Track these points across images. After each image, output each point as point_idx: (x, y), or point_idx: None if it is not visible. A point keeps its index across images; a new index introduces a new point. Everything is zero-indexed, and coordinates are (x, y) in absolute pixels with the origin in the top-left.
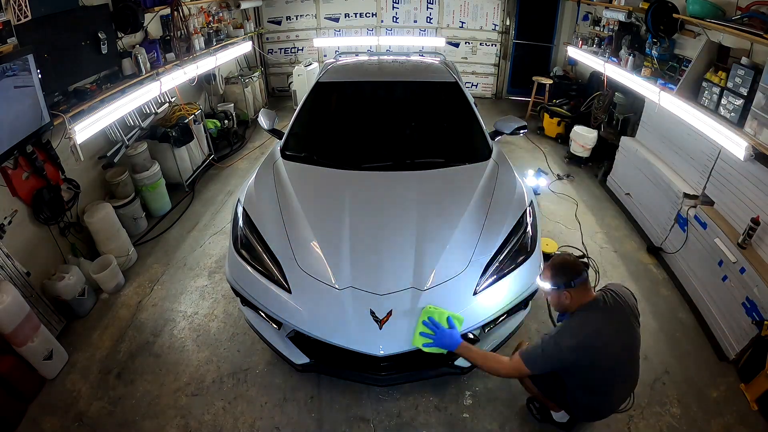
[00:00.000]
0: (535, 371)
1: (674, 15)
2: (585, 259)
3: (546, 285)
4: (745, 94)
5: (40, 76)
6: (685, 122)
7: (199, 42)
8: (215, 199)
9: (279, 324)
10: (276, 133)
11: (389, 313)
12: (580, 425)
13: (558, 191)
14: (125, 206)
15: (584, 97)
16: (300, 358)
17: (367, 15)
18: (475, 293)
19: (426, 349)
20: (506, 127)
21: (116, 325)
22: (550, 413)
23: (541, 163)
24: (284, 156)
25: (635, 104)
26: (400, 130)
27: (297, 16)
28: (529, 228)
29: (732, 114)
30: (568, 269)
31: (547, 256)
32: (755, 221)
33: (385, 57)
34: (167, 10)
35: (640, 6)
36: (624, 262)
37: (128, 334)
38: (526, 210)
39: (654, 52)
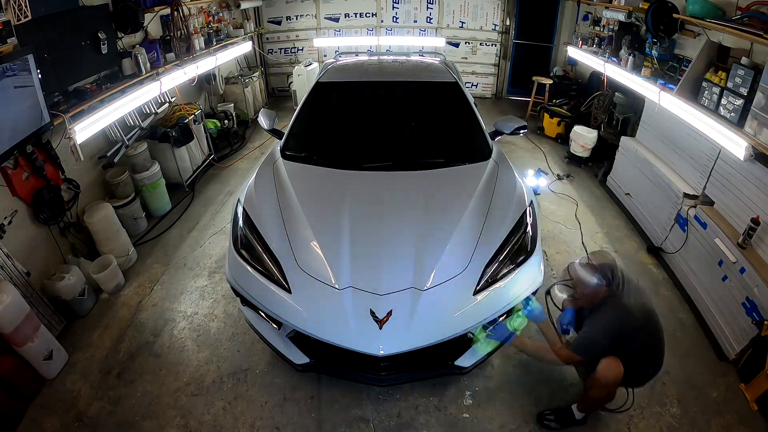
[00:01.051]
0: (589, 356)
1: (674, 15)
2: None
3: (590, 279)
4: (745, 94)
5: (40, 76)
6: (685, 122)
7: (199, 42)
8: (215, 199)
9: (279, 324)
10: (276, 133)
11: (389, 313)
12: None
13: (558, 191)
14: (125, 206)
15: (584, 97)
16: (300, 358)
17: (367, 15)
18: (475, 293)
19: (486, 344)
20: (506, 127)
21: (116, 325)
22: (568, 416)
23: (541, 163)
24: (284, 156)
25: (635, 104)
26: (400, 130)
27: (297, 16)
28: (529, 228)
29: (732, 114)
30: (615, 269)
31: None
32: (755, 221)
33: (385, 57)
34: (167, 10)
35: (640, 6)
36: (624, 262)
37: (128, 334)
38: (526, 210)
39: (654, 52)
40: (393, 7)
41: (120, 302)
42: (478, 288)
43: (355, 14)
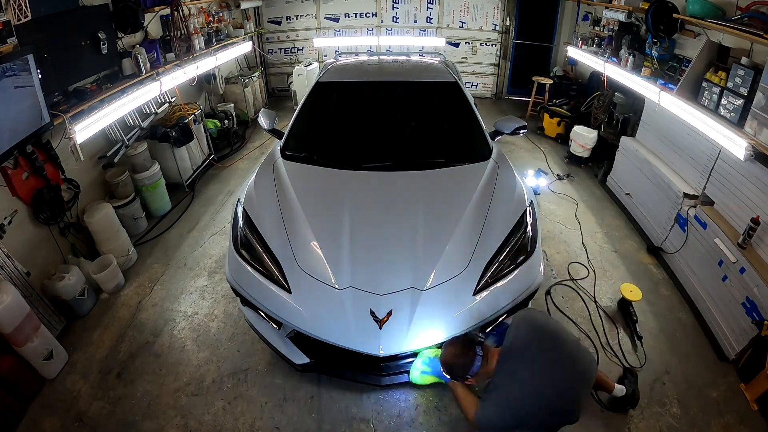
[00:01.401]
0: None
1: (674, 15)
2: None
3: (461, 378)
4: (745, 94)
5: (40, 76)
6: (685, 122)
7: (199, 42)
8: (215, 199)
9: (279, 324)
10: (276, 133)
11: (389, 313)
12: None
13: (558, 191)
14: (125, 206)
15: (584, 97)
16: (300, 358)
17: (367, 15)
18: (474, 293)
19: (421, 379)
20: (506, 127)
21: (116, 325)
22: None
23: (541, 163)
24: (284, 156)
25: (635, 104)
26: (400, 130)
27: (297, 16)
28: (529, 228)
29: (732, 114)
30: (466, 352)
31: (627, 303)
32: (755, 221)
33: (385, 57)
34: (167, 10)
35: (640, 6)
36: (624, 262)
37: (128, 334)
38: (526, 210)
39: (654, 52)
40: (393, 7)
41: (120, 302)
42: (478, 288)
43: (355, 14)
